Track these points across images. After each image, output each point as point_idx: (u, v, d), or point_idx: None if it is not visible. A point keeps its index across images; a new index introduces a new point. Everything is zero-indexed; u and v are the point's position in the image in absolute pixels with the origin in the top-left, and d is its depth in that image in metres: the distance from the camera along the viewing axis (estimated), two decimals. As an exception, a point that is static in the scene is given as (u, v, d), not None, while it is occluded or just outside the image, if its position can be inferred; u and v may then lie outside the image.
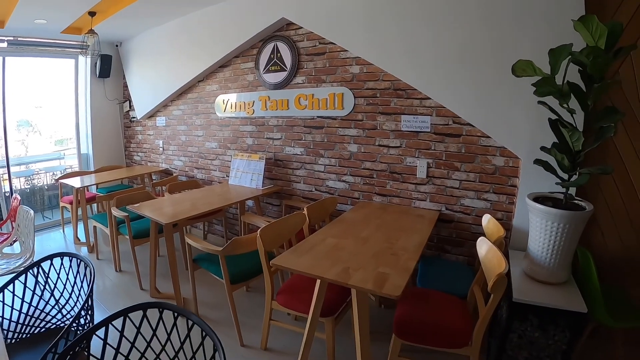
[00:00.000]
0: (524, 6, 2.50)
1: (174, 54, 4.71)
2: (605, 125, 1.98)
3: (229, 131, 4.39)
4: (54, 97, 5.89)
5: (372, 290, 1.67)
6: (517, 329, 2.05)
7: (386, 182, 3.32)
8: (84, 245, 4.57)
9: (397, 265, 1.93)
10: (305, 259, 2.01)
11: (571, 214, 2.02)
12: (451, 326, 1.95)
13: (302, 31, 3.58)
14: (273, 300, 2.39)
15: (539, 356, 2.05)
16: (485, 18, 2.65)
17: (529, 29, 2.50)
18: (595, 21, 1.83)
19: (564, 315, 1.95)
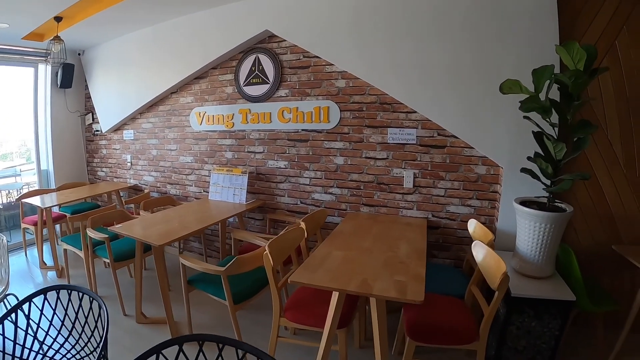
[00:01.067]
0: (505, 27, 2.82)
1: (145, 64, 4.70)
2: (582, 137, 2.34)
3: (206, 145, 4.47)
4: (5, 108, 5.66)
5: (396, 298, 1.82)
6: (515, 321, 2.37)
7: (373, 192, 3.54)
8: (51, 270, 4.42)
9: (408, 272, 2.11)
10: (320, 273, 2.12)
11: (556, 215, 2.36)
12: (459, 324, 2.18)
13: (285, 44, 3.74)
14: (282, 317, 2.43)
15: (536, 343, 2.37)
16: (468, 37, 2.94)
17: (510, 48, 2.82)
18: (576, 46, 2.16)
19: (556, 305, 2.29)
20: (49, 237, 4.37)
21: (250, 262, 2.61)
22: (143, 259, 3.40)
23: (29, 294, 1.82)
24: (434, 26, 3.04)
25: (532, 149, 2.56)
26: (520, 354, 2.41)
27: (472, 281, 2.49)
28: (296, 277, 2.09)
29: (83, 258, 3.71)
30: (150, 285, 3.76)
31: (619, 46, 2.78)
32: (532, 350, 2.39)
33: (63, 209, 4.95)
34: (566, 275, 2.55)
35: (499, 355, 2.44)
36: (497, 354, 2.44)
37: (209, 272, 2.67)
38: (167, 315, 3.04)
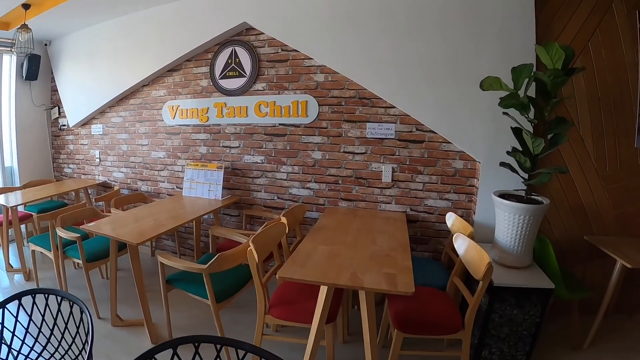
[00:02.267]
0: (483, 26, 2.95)
1: (115, 56, 4.59)
2: (558, 133, 2.47)
3: (179, 139, 4.40)
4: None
5: (388, 290, 1.86)
6: (497, 310, 2.47)
7: (352, 187, 3.57)
8: (18, 272, 4.22)
9: (396, 265, 2.15)
10: (308, 268, 2.13)
11: (535, 207, 2.47)
12: (445, 315, 2.25)
13: (263, 37, 3.73)
14: (267, 315, 2.40)
15: (518, 330, 2.49)
16: (447, 34, 3.05)
17: (488, 46, 2.95)
18: (556, 46, 2.29)
19: (535, 293, 2.41)
20: (15, 237, 4.18)
21: (233, 259, 2.58)
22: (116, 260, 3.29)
23: (1, 300, 1.69)
24: (413, 22, 3.12)
25: (508, 144, 2.69)
26: (502, 342, 2.52)
27: (454, 272, 2.57)
28: (285, 272, 2.08)
29: (52, 259, 3.57)
30: (124, 286, 3.67)
31: (592, 47, 2.97)
32: (514, 337, 2.50)
33: (28, 208, 4.76)
34: (542, 265, 2.68)
35: (482, 343, 2.54)
36: (480, 342, 2.55)
37: (190, 271, 2.62)
38: (145, 317, 2.96)
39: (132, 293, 3.38)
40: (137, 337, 3.03)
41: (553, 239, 2.94)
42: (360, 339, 2.81)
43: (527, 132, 2.49)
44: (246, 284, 2.83)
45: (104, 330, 3.12)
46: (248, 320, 3.14)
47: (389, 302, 2.42)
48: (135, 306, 3.19)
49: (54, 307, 1.71)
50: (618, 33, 2.93)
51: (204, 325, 3.15)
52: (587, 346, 2.80)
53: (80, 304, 1.59)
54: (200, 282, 2.56)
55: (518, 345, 2.51)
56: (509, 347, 2.52)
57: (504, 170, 2.68)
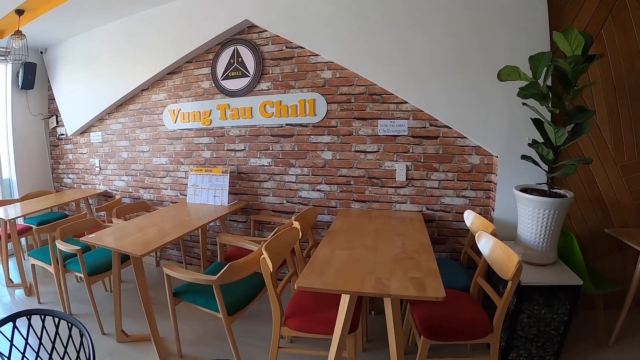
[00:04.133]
0: (495, 16, 2.91)
1: (113, 60, 4.55)
2: (580, 122, 2.42)
3: (182, 144, 4.34)
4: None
5: (417, 297, 1.78)
6: (525, 310, 2.42)
7: (365, 187, 3.51)
8: (18, 288, 4.17)
9: (421, 268, 2.07)
10: (329, 276, 2.03)
11: (559, 201, 2.44)
12: (472, 318, 2.18)
13: (266, 34, 3.68)
14: (283, 327, 2.31)
15: (546, 330, 2.44)
16: (458, 26, 3.00)
17: (500, 37, 2.91)
18: (575, 32, 2.26)
19: (564, 290, 2.37)
20: (15, 251, 4.14)
21: (245, 268, 2.49)
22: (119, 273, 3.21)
23: None
24: (422, 13, 3.07)
25: (525, 136, 2.66)
26: (530, 343, 2.48)
27: (477, 273, 2.51)
28: (303, 282, 1.97)
29: (53, 273, 3.50)
30: (129, 299, 3.61)
31: (605, 35, 2.94)
32: (542, 338, 2.46)
33: (28, 220, 4.73)
34: (566, 260, 2.65)
35: (509, 345, 2.50)
36: (508, 344, 2.50)
37: (199, 282, 2.54)
38: (152, 331, 2.86)
39: (137, 306, 3.29)
40: (145, 353, 2.94)
41: (574, 234, 2.87)
42: (380, 346, 2.77)
43: (550, 122, 2.44)
44: (259, 293, 2.77)
45: (108, 347, 3.04)
46: (262, 332, 3.06)
47: (411, 307, 2.35)
48: (141, 320, 3.09)
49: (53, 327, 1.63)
50: (630, 20, 2.91)
51: (215, 339, 3.07)
52: (613, 342, 2.78)
53: (79, 326, 1.53)
54: (209, 294, 2.48)
55: (546, 345, 2.47)
56: (537, 348, 2.48)
57: (522, 164, 2.65)
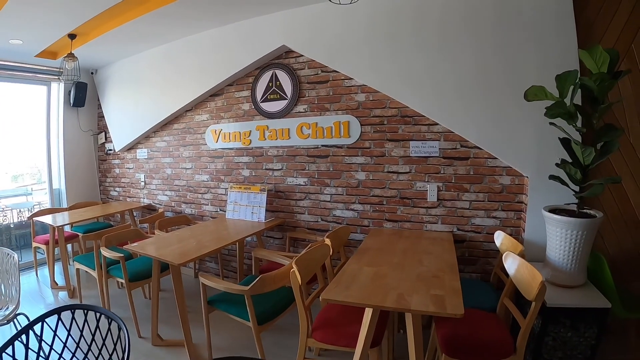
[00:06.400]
0: (522, 36, 3.01)
1: (158, 83, 4.99)
2: (609, 141, 2.46)
3: (223, 163, 4.65)
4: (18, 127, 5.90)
5: (436, 313, 1.90)
6: (551, 332, 2.44)
7: (397, 207, 3.68)
8: (62, 290, 4.62)
9: (444, 286, 2.20)
10: (354, 290, 2.18)
11: (587, 221, 2.48)
12: (495, 338, 2.27)
13: (302, 59, 3.96)
14: (309, 338, 2.46)
15: (572, 354, 2.44)
16: (486, 47, 3.13)
17: (528, 56, 3.00)
18: (600, 50, 2.33)
19: (591, 313, 2.37)
20: (61, 256, 4.61)
21: (275, 280, 2.71)
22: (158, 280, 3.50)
23: (42, 314, 1.85)
24: (451, 37, 3.24)
25: (555, 156, 2.72)
26: None
27: (504, 294, 2.61)
28: (329, 294, 2.14)
29: (96, 278, 3.90)
30: (166, 307, 3.94)
31: (635, 49, 2.94)
32: None
33: (75, 228, 5.21)
34: (597, 283, 2.68)
35: None
36: None
37: (231, 292, 2.77)
38: (186, 336, 3.13)
39: (173, 314, 3.63)
40: (177, 357, 3.23)
41: (607, 255, 2.92)
42: None
43: (576, 141, 2.52)
44: (289, 306, 2.98)
45: (144, 349, 3.37)
46: (290, 344, 3.26)
47: (436, 326, 2.49)
48: (176, 327, 3.42)
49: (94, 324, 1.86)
50: None
51: (245, 348, 3.32)
52: None
53: (118, 321, 1.73)
54: (242, 304, 2.71)
55: None
56: None
57: (553, 185, 2.70)
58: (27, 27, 4.00)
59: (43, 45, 4.60)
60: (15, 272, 3.09)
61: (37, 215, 4.92)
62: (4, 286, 3.23)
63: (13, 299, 3.07)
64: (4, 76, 5.08)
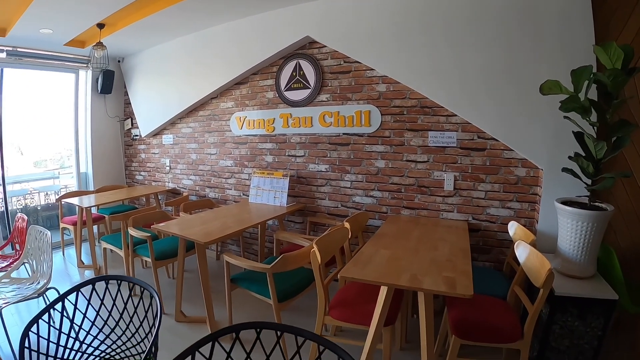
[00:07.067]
0: (540, 30, 3.11)
1: (185, 70, 5.20)
2: (621, 136, 2.57)
3: (246, 149, 4.85)
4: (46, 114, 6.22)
5: (446, 292, 2.04)
6: (558, 321, 2.54)
7: (414, 195, 3.83)
8: (89, 269, 4.88)
9: (456, 269, 2.33)
10: (370, 269, 2.34)
11: (598, 214, 2.58)
12: (503, 323, 2.38)
13: (325, 50, 4.12)
14: (326, 316, 2.62)
15: (579, 343, 2.54)
16: (504, 41, 3.24)
17: (546, 50, 3.10)
18: (614, 46, 2.41)
19: (599, 304, 2.46)
20: (89, 236, 4.84)
21: (297, 260, 2.88)
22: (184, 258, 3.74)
23: (78, 283, 2.01)
24: (471, 31, 3.36)
25: (570, 149, 2.82)
26: (562, 355, 2.58)
27: (515, 281, 2.75)
28: (346, 272, 2.31)
29: (123, 257, 4.10)
30: (188, 286, 4.16)
31: None
32: (574, 351, 2.55)
33: (101, 210, 5.45)
34: (606, 275, 2.78)
35: (541, 356, 2.61)
36: (540, 355, 2.61)
37: (255, 270, 2.94)
38: (208, 311, 3.33)
39: (195, 293, 3.90)
40: (199, 332, 3.42)
41: (619, 249, 3.03)
42: (417, 346, 3.03)
43: (589, 135, 2.62)
44: (307, 287, 3.16)
45: (167, 324, 3.57)
46: (308, 324, 3.33)
47: (448, 310, 2.64)
48: (197, 305, 3.64)
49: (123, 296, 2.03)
50: None
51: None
52: None
53: (150, 289, 1.87)
54: (263, 282, 2.90)
55: (579, 359, 2.55)
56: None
57: (568, 178, 2.81)
58: (58, 17, 4.17)
59: (72, 34, 4.79)
60: (47, 249, 3.29)
61: (65, 198, 5.17)
62: (36, 262, 3.46)
63: (44, 274, 3.28)
64: (34, 64, 5.33)
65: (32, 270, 3.51)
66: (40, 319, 1.77)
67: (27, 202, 6.30)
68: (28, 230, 3.61)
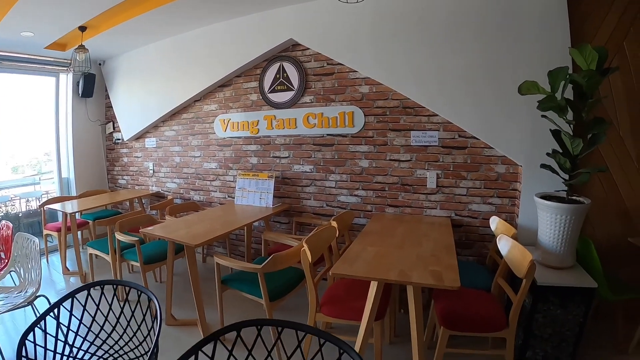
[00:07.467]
0: (518, 32, 3.25)
1: (167, 74, 5.20)
2: (597, 133, 2.72)
3: (231, 151, 4.88)
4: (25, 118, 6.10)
5: (434, 285, 2.14)
6: (541, 310, 2.68)
7: (398, 194, 3.94)
8: (74, 275, 4.80)
9: (442, 263, 2.42)
10: (359, 266, 2.42)
11: (576, 207, 2.72)
12: (489, 313, 2.51)
13: (309, 52, 4.20)
14: (318, 313, 2.68)
15: (561, 330, 2.68)
16: (484, 42, 3.37)
17: (524, 51, 3.25)
18: (589, 48, 2.55)
19: (579, 292, 2.61)
20: (74, 242, 4.77)
21: (287, 259, 2.92)
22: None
23: (72, 290, 1.94)
24: (451, 32, 3.48)
25: (548, 146, 2.96)
26: (546, 342, 2.72)
27: (498, 273, 2.88)
28: (337, 269, 2.38)
29: (110, 262, 4.06)
30: (177, 290, 4.09)
31: (627, 46, 3.21)
32: (557, 338, 2.69)
33: (84, 216, 5.39)
34: (585, 265, 2.92)
35: (526, 344, 2.75)
36: (524, 343, 2.75)
37: (246, 270, 2.99)
38: (199, 313, 3.33)
39: (184, 297, 3.89)
40: (190, 335, 3.40)
41: (596, 241, 3.14)
42: (406, 340, 3.17)
43: (566, 133, 2.76)
44: (296, 285, 3.21)
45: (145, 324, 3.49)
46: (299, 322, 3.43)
47: (435, 303, 2.75)
48: (187, 309, 3.62)
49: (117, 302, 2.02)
50: None
51: (255, 326, 3.51)
52: (633, 349, 2.95)
53: (147, 293, 1.84)
54: (253, 282, 2.95)
55: (562, 346, 2.69)
56: (553, 348, 2.71)
57: (545, 173, 2.95)
58: (40, 20, 4.13)
59: (54, 37, 4.74)
60: (35, 256, 3.24)
61: (48, 204, 5.09)
62: (24, 270, 3.39)
63: (33, 282, 3.22)
64: (14, 68, 5.24)
65: (19, 278, 3.44)
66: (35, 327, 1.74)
67: (7, 210, 6.19)
68: (14, 237, 3.54)
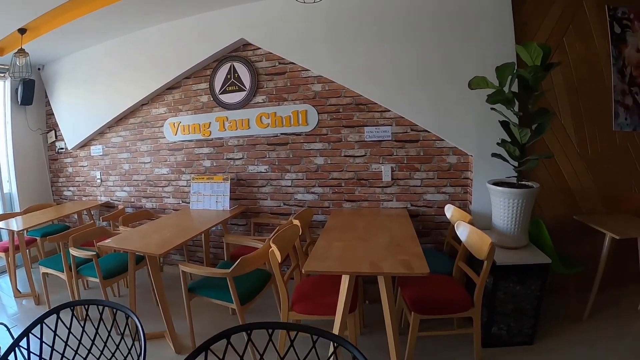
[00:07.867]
0: (466, 30, 3.44)
1: (112, 77, 4.99)
2: (542, 123, 2.93)
3: (182, 155, 4.78)
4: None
5: (406, 273, 2.24)
6: (502, 288, 2.88)
7: (354, 188, 4.01)
8: (27, 297, 4.43)
9: (408, 252, 2.52)
10: (330, 262, 2.45)
11: (526, 191, 2.94)
12: (455, 296, 2.67)
13: (260, 52, 4.20)
14: (291, 311, 2.68)
15: (522, 305, 2.90)
16: (434, 40, 3.54)
17: (471, 48, 3.44)
18: (534, 45, 2.75)
19: (535, 269, 2.83)
20: (24, 262, 4.47)
21: (254, 261, 2.90)
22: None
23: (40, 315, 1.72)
24: (402, 30, 3.61)
25: (496, 137, 3.14)
26: (508, 317, 2.92)
27: (458, 258, 3.04)
28: (309, 266, 2.39)
29: (66, 280, 3.79)
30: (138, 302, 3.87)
31: (567, 42, 3.47)
32: (518, 312, 2.91)
33: (30, 232, 5.00)
34: (538, 244, 3.15)
35: (490, 320, 2.94)
36: (489, 319, 2.94)
37: (214, 276, 2.93)
38: (168, 327, 3.19)
39: (146, 308, 3.74)
40: (160, 348, 3.25)
41: (546, 221, 3.33)
42: (376, 329, 3.23)
43: (514, 124, 2.96)
44: (264, 286, 3.18)
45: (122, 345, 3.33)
46: None
47: (402, 291, 2.84)
48: (151, 320, 3.47)
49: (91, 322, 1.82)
50: (590, 27, 3.45)
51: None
52: (586, 317, 3.22)
53: (125, 310, 1.70)
54: (221, 287, 2.90)
55: (523, 319, 2.91)
56: (515, 322, 2.92)
57: (495, 161, 3.14)
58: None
59: (-10, 41, 4.48)
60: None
61: (-8, 223, 4.76)
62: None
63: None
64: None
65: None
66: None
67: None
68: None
